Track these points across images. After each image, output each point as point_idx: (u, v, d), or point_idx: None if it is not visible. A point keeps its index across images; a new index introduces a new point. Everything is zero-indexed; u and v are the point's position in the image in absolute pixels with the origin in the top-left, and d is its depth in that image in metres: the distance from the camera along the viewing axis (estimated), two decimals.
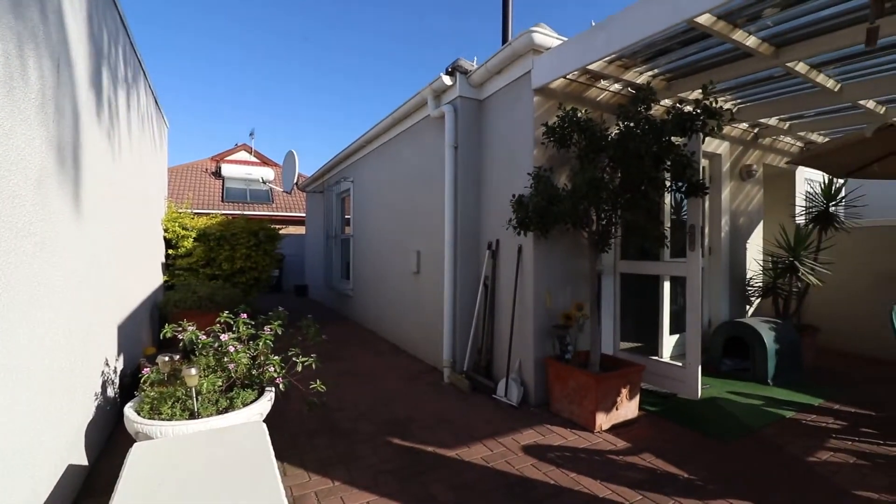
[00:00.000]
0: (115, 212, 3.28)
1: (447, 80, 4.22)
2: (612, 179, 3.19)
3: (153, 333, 4.79)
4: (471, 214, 4.29)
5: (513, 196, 3.56)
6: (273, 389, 2.54)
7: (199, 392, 2.28)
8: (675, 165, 3.05)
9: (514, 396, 3.54)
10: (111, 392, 3.00)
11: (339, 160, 7.90)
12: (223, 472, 1.56)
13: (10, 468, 1.64)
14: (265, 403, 2.40)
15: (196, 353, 2.53)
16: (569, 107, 3.30)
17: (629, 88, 3.91)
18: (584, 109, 3.40)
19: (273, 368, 2.53)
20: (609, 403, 3.13)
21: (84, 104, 2.57)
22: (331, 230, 8.95)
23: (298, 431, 3.06)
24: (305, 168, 24.24)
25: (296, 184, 9.57)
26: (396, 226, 5.72)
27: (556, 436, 3.02)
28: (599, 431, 3.07)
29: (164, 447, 1.77)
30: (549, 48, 3.45)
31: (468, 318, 4.24)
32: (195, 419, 2.15)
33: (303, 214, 13.77)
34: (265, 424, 1.95)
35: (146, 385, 2.38)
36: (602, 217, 3.22)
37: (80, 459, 2.36)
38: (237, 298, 4.97)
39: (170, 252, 5.77)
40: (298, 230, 13.85)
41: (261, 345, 2.59)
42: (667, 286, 4.14)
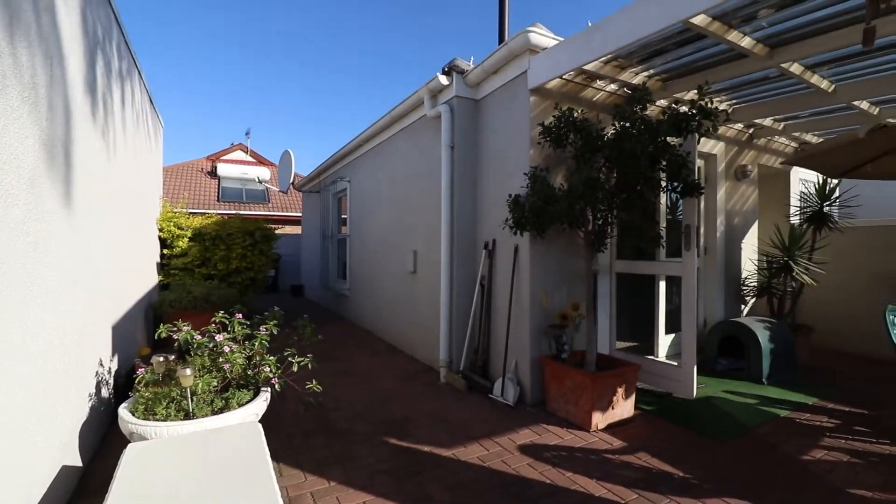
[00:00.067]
0: (110, 211, 3.26)
1: (444, 80, 4.22)
2: (608, 179, 3.19)
3: (148, 333, 4.76)
4: (467, 214, 4.29)
5: (509, 196, 3.57)
6: (269, 390, 2.53)
7: (194, 392, 2.27)
8: (671, 165, 3.06)
9: (511, 396, 3.54)
10: (105, 393, 2.98)
11: (336, 160, 7.89)
12: (218, 473, 1.56)
13: (3, 469, 1.62)
14: (261, 404, 2.39)
15: (191, 354, 2.52)
16: (565, 107, 3.30)
17: (625, 89, 3.92)
18: (581, 109, 3.41)
19: (269, 368, 2.53)
20: (605, 403, 3.14)
21: (77, 102, 2.55)
22: (327, 230, 8.93)
23: (294, 432, 3.05)
24: (304, 168, 24.19)
25: (292, 183, 9.54)
26: (393, 225, 5.71)
27: (553, 435, 3.03)
28: (595, 431, 3.08)
29: (159, 448, 1.76)
30: (546, 48, 3.46)
31: (465, 318, 4.24)
32: (190, 420, 2.14)
33: (299, 214, 13.74)
34: (261, 425, 1.94)
35: (141, 385, 2.37)
36: (598, 217, 3.23)
37: (75, 460, 2.34)
38: (233, 298, 4.95)
39: (165, 252, 5.74)
40: (295, 230, 13.82)
41: (256, 345, 2.59)
42: (662, 286, 4.16)
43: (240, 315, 2.68)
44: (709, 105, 2.90)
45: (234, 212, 13.22)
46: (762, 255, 5.27)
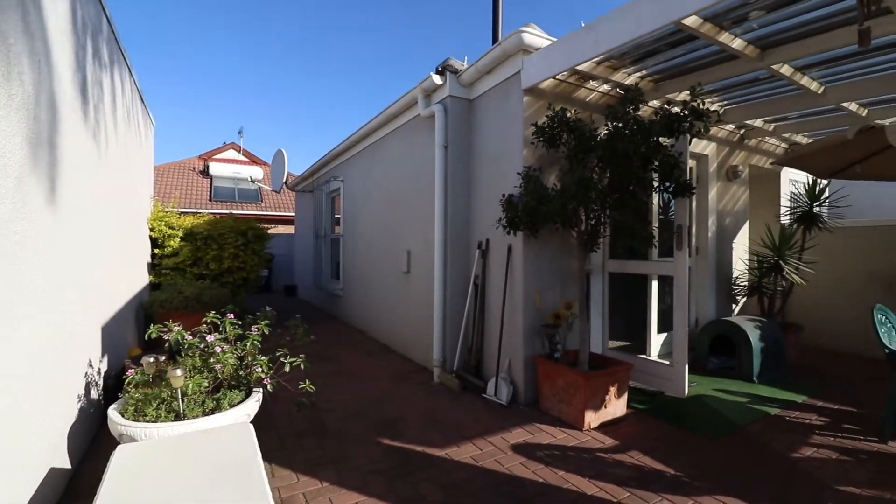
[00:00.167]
0: (100, 210, 3.22)
1: (437, 80, 4.22)
2: (601, 179, 3.21)
3: (138, 334, 4.71)
4: (461, 214, 4.29)
5: (503, 196, 3.57)
6: (261, 390, 2.51)
7: (185, 393, 2.25)
8: (663, 166, 3.08)
9: (504, 395, 3.55)
10: (95, 394, 2.94)
11: (329, 159, 7.85)
12: (209, 475, 1.54)
13: None
14: (252, 404, 2.38)
15: (182, 354, 2.49)
16: (558, 107, 3.32)
17: (618, 89, 3.94)
18: (574, 110, 3.42)
19: (261, 369, 2.51)
20: (598, 402, 3.15)
21: (66, 99, 2.51)
22: (320, 230, 8.89)
23: (287, 432, 3.04)
24: (297, 167, 24.06)
25: (285, 183, 9.49)
26: (386, 225, 5.70)
27: (545, 434, 3.03)
28: (588, 430, 3.09)
29: (149, 449, 1.74)
30: (539, 48, 3.47)
31: (458, 318, 4.24)
32: (181, 421, 2.12)
33: (292, 214, 13.66)
34: (252, 426, 1.93)
35: (131, 386, 2.35)
36: (591, 217, 3.25)
37: (63, 462, 2.31)
38: (225, 298, 4.91)
39: (156, 251, 5.68)
40: (288, 230, 13.74)
41: (248, 345, 2.57)
42: (654, 285, 4.18)
43: (231, 315, 2.65)
44: (701, 106, 2.92)
45: (227, 211, 13.13)
46: (753, 255, 5.33)
